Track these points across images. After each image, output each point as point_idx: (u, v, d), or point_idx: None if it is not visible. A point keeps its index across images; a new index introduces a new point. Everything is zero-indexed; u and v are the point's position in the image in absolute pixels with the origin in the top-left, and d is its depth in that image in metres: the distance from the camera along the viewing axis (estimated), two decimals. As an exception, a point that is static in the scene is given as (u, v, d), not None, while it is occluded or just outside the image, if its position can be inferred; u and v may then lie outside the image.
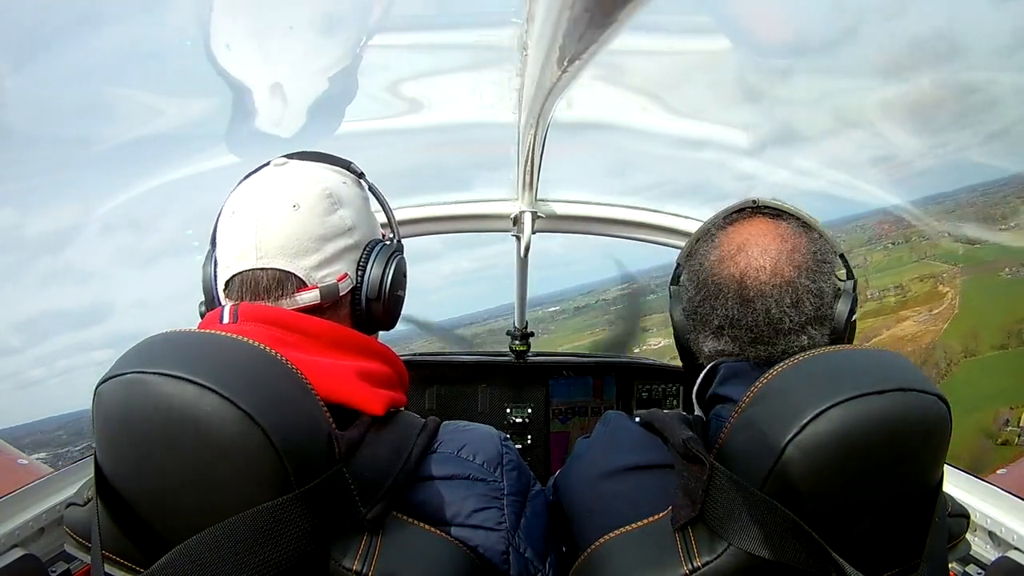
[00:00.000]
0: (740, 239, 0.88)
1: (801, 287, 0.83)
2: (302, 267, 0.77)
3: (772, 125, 1.88)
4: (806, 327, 0.84)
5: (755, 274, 0.84)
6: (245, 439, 0.60)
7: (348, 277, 0.81)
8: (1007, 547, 1.11)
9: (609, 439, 0.90)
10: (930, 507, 0.73)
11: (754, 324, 0.84)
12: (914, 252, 41.60)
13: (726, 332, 0.87)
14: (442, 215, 1.86)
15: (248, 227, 0.77)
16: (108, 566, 0.70)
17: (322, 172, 0.84)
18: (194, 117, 1.76)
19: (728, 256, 0.88)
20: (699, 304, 0.90)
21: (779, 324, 0.83)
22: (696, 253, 0.94)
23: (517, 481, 0.81)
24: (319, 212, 0.79)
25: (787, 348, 0.84)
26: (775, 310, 0.83)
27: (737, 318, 0.85)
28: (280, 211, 0.77)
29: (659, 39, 1.43)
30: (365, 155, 0.94)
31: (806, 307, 0.83)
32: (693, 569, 0.70)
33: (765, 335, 0.84)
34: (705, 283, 0.89)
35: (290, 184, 0.80)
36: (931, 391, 0.68)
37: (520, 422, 2.23)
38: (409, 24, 1.38)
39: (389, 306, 0.84)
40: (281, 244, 0.76)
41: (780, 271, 0.84)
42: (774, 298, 0.83)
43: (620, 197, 1.88)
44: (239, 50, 1.34)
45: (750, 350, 0.86)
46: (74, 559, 1.12)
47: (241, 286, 0.78)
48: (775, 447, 0.66)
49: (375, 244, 0.85)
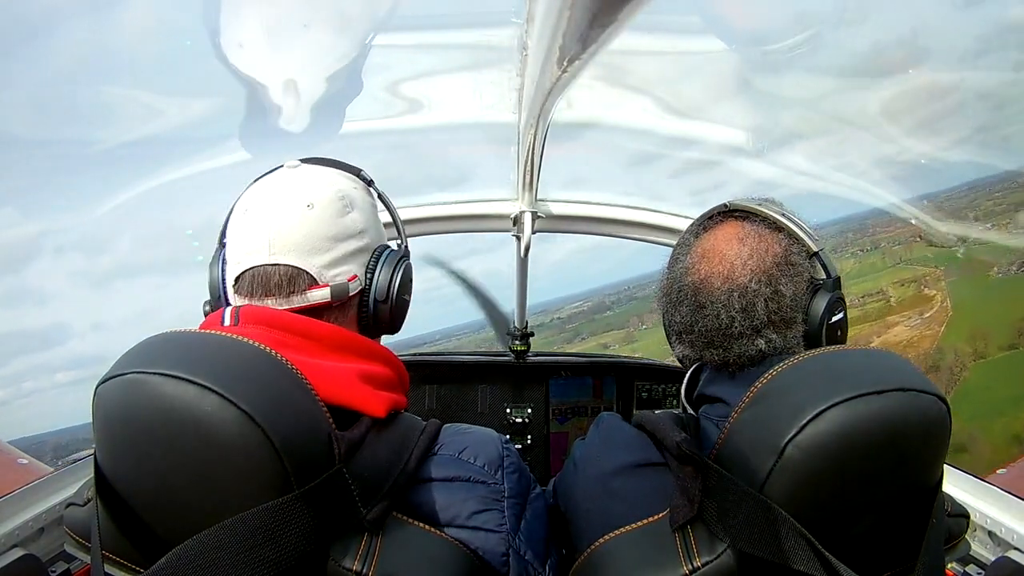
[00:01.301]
0: (706, 246, 0.91)
1: (751, 292, 0.84)
2: (314, 265, 0.78)
3: (773, 125, 1.88)
4: (761, 331, 0.84)
5: (710, 281, 0.87)
6: (245, 439, 0.60)
7: (358, 278, 0.82)
8: (1007, 547, 1.11)
9: (604, 440, 0.90)
10: (929, 507, 0.73)
11: (705, 330, 0.87)
12: (887, 257, 41.66)
13: (685, 338, 0.91)
14: (442, 215, 1.86)
15: (262, 224, 0.78)
16: (108, 566, 0.70)
17: (334, 176, 0.86)
18: (194, 117, 1.76)
19: (692, 265, 0.91)
20: (665, 311, 0.95)
21: (728, 329, 0.85)
22: (673, 260, 0.97)
23: (518, 483, 0.81)
24: (332, 213, 0.80)
25: (741, 352, 0.85)
26: (724, 316, 0.85)
27: (691, 324, 0.88)
28: (295, 209, 0.78)
29: (659, 39, 1.43)
30: (365, 155, 0.95)
31: (758, 312, 0.84)
32: (693, 569, 0.70)
33: (716, 340, 0.86)
34: (671, 291, 0.93)
35: (305, 185, 0.81)
36: (931, 391, 0.68)
37: (520, 422, 2.23)
38: (410, 24, 1.38)
39: (395, 309, 0.85)
40: (295, 241, 0.77)
41: (733, 277, 0.86)
42: (722, 303, 0.85)
43: (620, 197, 1.88)
44: (244, 50, 1.34)
45: (706, 353, 0.88)
46: (74, 559, 1.12)
47: (252, 281, 0.78)
48: (775, 447, 0.66)
49: (384, 248, 0.86)
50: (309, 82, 1.51)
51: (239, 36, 1.30)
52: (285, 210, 0.78)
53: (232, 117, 1.68)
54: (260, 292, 0.78)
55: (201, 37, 1.33)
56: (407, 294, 0.88)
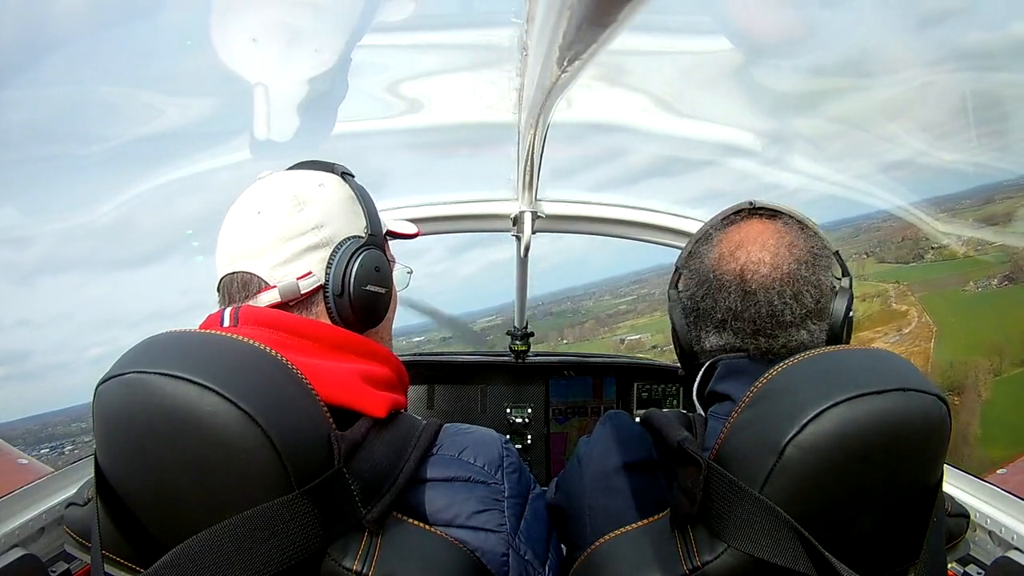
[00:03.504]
0: (738, 237, 0.89)
1: (801, 279, 0.84)
2: (263, 267, 0.80)
3: (773, 125, 1.88)
4: (806, 321, 0.84)
5: (755, 267, 0.85)
6: (245, 439, 0.60)
7: (313, 275, 0.80)
8: (1007, 547, 1.11)
9: (609, 437, 0.90)
10: (929, 507, 0.73)
11: (756, 316, 0.84)
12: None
13: (728, 325, 0.87)
14: (442, 215, 1.86)
15: (223, 237, 0.83)
16: (108, 566, 0.70)
17: (296, 178, 0.85)
18: (195, 117, 1.76)
19: (728, 253, 0.88)
20: (701, 300, 0.90)
21: (780, 316, 0.83)
22: (695, 254, 0.94)
23: (518, 483, 0.81)
24: (281, 214, 0.81)
25: (787, 342, 0.84)
26: (777, 302, 0.83)
27: (740, 310, 0.85)
28: (245, 218, 0.82)
29: (659, 39, 1.43)
30: (364, 155, 0.94)
31: (806, 299, 0.84)
32: (693, 568, 0.70)
33: (767, 327, 0.84)
34: (707, 279, 0.89)
35: (258, 193, 0.84)
36: (931, 391, 0.68)
37: (520, 422, 2.23)
38: (409, 24, 1.38)
39: (358, 302, 0.82)
40: (246, 248, 0.81)
41: (780, 264, 0.85)
42: (776, 290, 0.84)
43: (620, 197, 1.88)
44: (242, 50, 1.34)
45: (751, 342, 0.86)
46: (74, 559, 1.12)
47: (221, 291, 0.83)
48: (775, 447, 0.66)
49: (346, 241, 0.83)
50: (308, 82, 1.51)
51: (246, 33, 1.30)
52: (238, 221, 0.82)
53: (231, 118, 1.69)
54: (227, 299, 0.82)
55: (201, 37, 1.33)
56: (372, 284, 0.84)
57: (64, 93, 1.66)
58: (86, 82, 1.59)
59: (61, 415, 11.96)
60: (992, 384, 28.47)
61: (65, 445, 9.60)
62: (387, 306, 0.88)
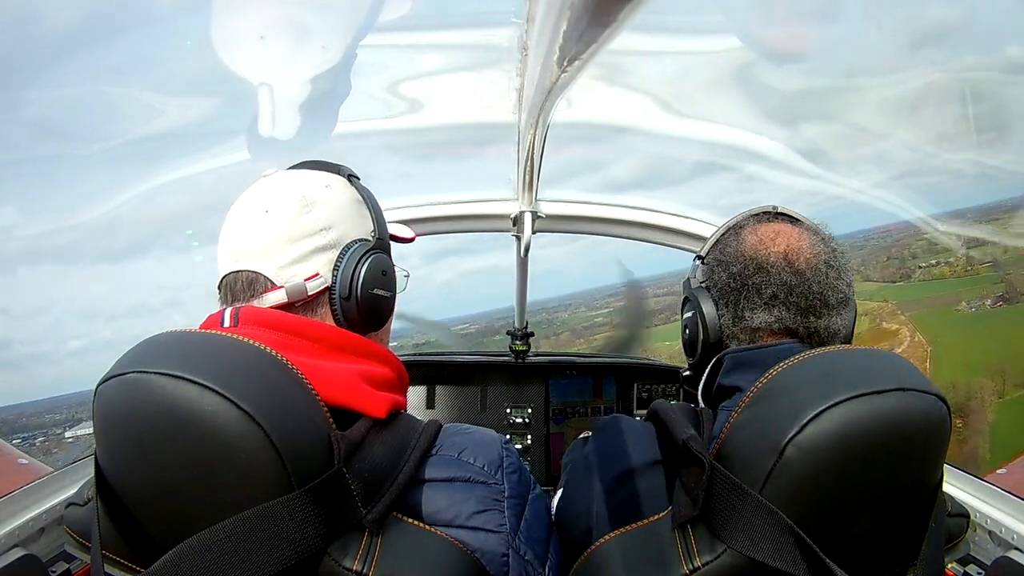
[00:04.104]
0: (773, 229, 0.92)
1: (836, 267, 0.88)
2: (271, 267, 0.80)
3: (775, 126, 1.88)
4: (841, 308, 0.88)
5: (797, 254, 0.88)
6: (245, 439, 0.60)
7: (320, 276, 0.81)
8: (1007, 547, 1.11)
9: (610, 439, 0.90)
10: (929, 508, 0.73)
11: (808, 292, 0.87)
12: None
13: (781, 300, 0.87)
14: (442, 215, 1.86)
15: (227, 235, 0.82)
16: (108, 566, 0.70)
17: (303, 178, 0.85)
18: (195, 117, 1.76)
19: (768, 238, 0.91)
20: (746, 278, 0.90)
21: (827, 297, 0.87)
22: (724, 243, 0.96)
23: (518, 484, 0.81)
24: (289, 215, 0.81)
25: (829, 324, 0.87)
26: (825, 281, 0.87)
27: (794, 285, 0.87)
28: (253, 217, 0.81)
29: (660, 39, 1.43)
30: (364, 155, 0.94)
31: (843, 287, 0.88)
32: (693, 569, 0.70)
33: (817, 306, 0.87)
34: (751, 259, 0.90)
35: (265, 192, 0.83)
36: (931, 391, 0.68)
37: (520, 422, 2.23)
38: (409, 24, 1.38)
39: (364, 305, 0.82)
40: (253, 247, 0.80)
41: (817, 254, 0.89)
42: (822, 271, 0.87)
43: (620, 197, 1.88)
44: (243, 49, 1.34)
45: (802, 320, 0.87)
46: (74, 559, 1.12)
47: (225, 288, 0.83)
48: (775, 447, 0.66)
49: (353, 244, 0.84)
50: (307, 82, 1.51)
51: (247, 32, 1.30)
52: (245, 219, 0.82)
53: (230, 119, 1.69)
54: (229, 298, 0.81)
55: (201, 37, 1.33)
56: (379, 288, 0.84)
57: (65, 93, 1.66)
58: (86, 83, 1.59)
59: (36, 406, 11.85)
60: (996, 406, 28.22)
61: (36, 437, 9.52)
62: (391, 309, 0.88)
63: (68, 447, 39.64)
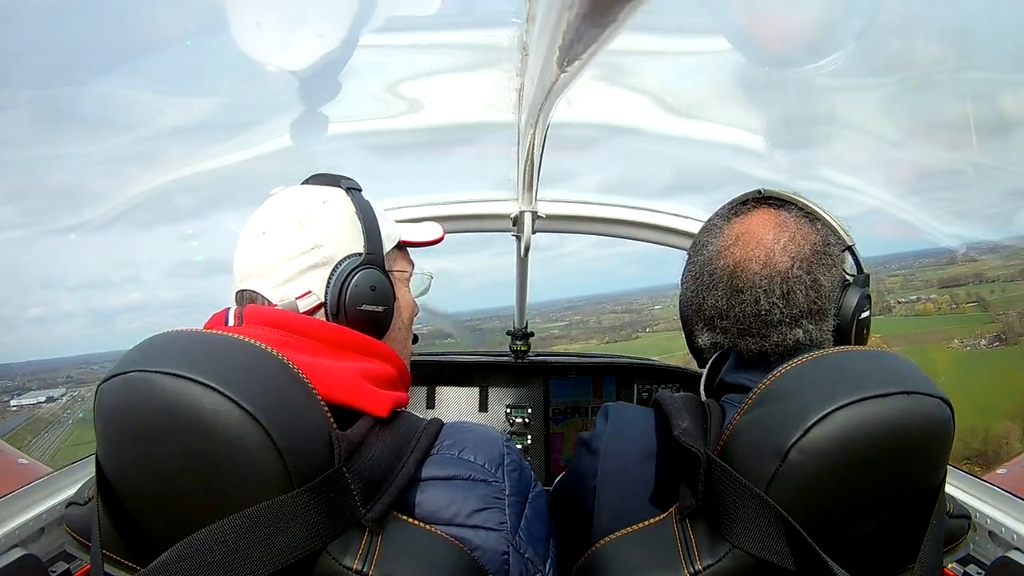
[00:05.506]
0: (740, 229, 0.88)
1: (792, 278, 0.82)
2: (266, 287, 0.82)
3: (775, 127, 1.87)
4: (800, 320, 0.83)
5: (748, 265, 0.84)
6: (246, 438, 0.60)
7: (312, 294, 0.81)
8: (1007, 547, 1.11)
9: (612, 434, 0.90)
10: (931, 509, 0.72)
11: (742, 315, 0.84)
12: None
13: (717, 324, 0.87)
14: (442, 215, 1.86)
15: (236, 256, 0.86)
16: (108, 565, 0.70)
17: (299, 196, 0.86)
18: (196, 117, 1.76)
19: (725, 248, 0.87)
20: (694, 295, 0.90)
21: (767, 316, 0.82)
22: (700, 244, 0.93)
23: (518, 482, 0.81)
24: (283, 234, 0.82)
25: (780, 340, 0.83)
26: (764, 301, 0.82)
27: (726, 309, 0.85)
28: (252, 238, 0.84)
29: (659, 39, 1.43)
30: (364, 155, 0.94)
31: (798, 299, 0.82)
32: (694, 572, 0.70)
33: (754, 327, 0.84)
34: (701, 274, 0.89)
35: (265, 212, 0.86)
36: (935, 394, 0.68)
37: (520, 422, 2.23)
38: (409, 24, 1.38)
39: (353, 322, 0.82)
40: (251, 268, 0.83)
41: (773, 262, 0.83)
42: (763, 289, 0.82)
43: (620, 197, 1.88)
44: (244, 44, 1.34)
45: (740, 342, 0.85)
46: (74, 559, 1.12)
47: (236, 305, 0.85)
48: (778, 451, 0.66)
49: (344, 260, 0.83)
50: (303, 82, 1.51)
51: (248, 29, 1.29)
52: (246, 240, 0.85)
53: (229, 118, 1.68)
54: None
55: (202, 37, 1.33)
56: (367, 303, 0.83)
57: (64, 93, 1.65)
58: (87, 83, 1.59)
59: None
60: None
61: (-12, 403, 9.35)
62: (389, 320, 0.87)
63: (12, 415, 38.42)
